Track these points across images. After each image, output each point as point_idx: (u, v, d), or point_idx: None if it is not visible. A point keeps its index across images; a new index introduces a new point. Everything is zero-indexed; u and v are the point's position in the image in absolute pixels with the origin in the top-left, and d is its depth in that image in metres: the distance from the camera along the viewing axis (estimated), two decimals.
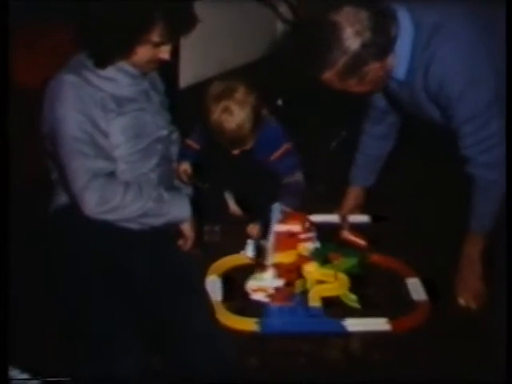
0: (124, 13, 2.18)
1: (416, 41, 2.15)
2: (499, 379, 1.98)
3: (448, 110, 2.22)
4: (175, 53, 2.47)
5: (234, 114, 2.47)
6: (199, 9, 2.38)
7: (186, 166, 2.63)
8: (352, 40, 2.07)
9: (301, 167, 2.69)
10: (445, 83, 2.15)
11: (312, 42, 2.14)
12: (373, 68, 2.14)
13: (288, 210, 2.45)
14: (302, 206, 2.57)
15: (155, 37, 2.22)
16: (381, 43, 2.11)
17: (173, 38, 2.27)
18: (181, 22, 2.25)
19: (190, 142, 2.68)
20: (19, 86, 2.33)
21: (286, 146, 2.65)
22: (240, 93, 2.49)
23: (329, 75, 2.14)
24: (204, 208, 2.49)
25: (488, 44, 2.17)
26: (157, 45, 2.24)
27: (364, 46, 2.08)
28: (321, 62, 2.12)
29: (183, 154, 2.64)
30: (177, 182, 2.61)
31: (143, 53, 2.25)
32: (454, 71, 2.14)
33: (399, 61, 2.19)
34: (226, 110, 2.47)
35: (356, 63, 2.10)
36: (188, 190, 2.61)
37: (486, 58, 2.16)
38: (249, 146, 2.57)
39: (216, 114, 2.48)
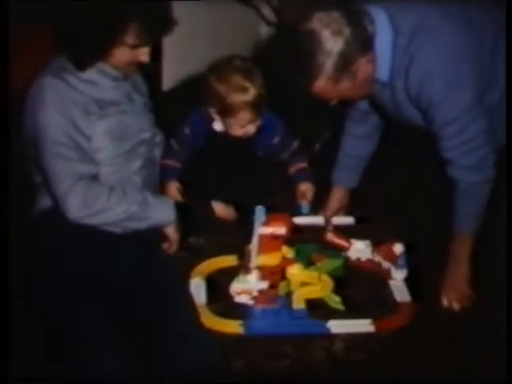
0: (98, 14, 2.18)
1: (396, 42, 2.15)
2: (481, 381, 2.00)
3: (429, 113, 2.21)
4: (158, 55, 2.47)
5: (247, 82, 2.52)
6: (180, 10, 2.38)
7: (176, 185, 2.63)
8: (333, 40, 2.06)
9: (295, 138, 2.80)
10: (425, 85, 2.15)
11: (293, 58, 2.12)
12: (361, 64, 2.12)
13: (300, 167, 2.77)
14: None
15: (131, 39, 2.21)
16: (362, 37, 2.10)
17: (150, 39, 2.26)
18: (156, 24, 2.24)
19: (169, 162, 2.64)
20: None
21: (282, 129, 2.75)
22: (240, 62, 2.57)
23: (320, 84, 2.11)
24: (189, 215, 2.49)
25: (467, 44, 2.17)
26: (134, 47, 2.23)
27: (347, 43, 2.07)
28: (308, 73, 2.10)
29: (167, 175, 2.62)
30: None
31: (121, 55, 2.25)
32: (434, 73, 2.14)
33: (381, 62, 2.18)
34: (238, 82, 2.52)
35: (344, 63, 2.09)
36: None
37: (465, 58, 2.16)
38: (259, 122, 2.63)
39: (230, 90, 2.52)
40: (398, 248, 2.47)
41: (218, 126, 2.66)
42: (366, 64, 2.14)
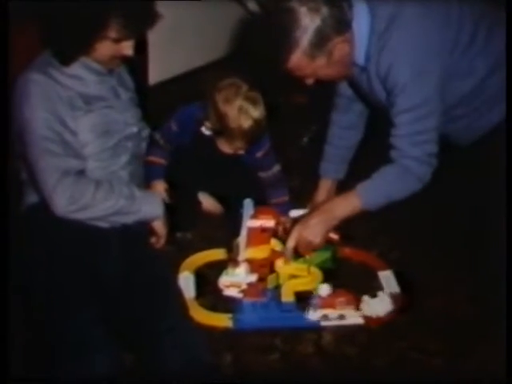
0: (79, 9, 2.16)
1: (373, 28, 2.19)
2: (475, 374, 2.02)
3: (391, 96, 2.24)
4: (144, 49, 2.46)
5: (252, 111, 2.47)
6: (165, 4, 2.36)
7: (163, 185, 2.57)
8: (309, 17, 2.11)
9: (277, 162, 2.73)
10: (392, 70, 2.18)
11: (271, 31, 2.19)
12: (337, 43, 2.16)
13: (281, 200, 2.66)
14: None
15: (112, 33, 2.20)
16: (339, 17, 2.14)
17: (132, 33, 2.24)
18: (139, 18, 2.23)
19: (154, 159, 2.59)
20: None
21: (268, 145, 2.69)
22: (248, 89, 2.50)
23: (296, 58, 2.15)
24: (177, 209, 2.47)
25: (440, 39, 2.19)
26: (116, 41, 2.22)
27: (323, 20, 2.11)
28: (284, 47, 2.14)
29: (153, 173, 2.58)
30: None
31: (104, 49, 2.24)
32: (402, 61, 2.17)
33: (358, 46, 2.22)
34: (243, 108, 2.47)
35: (320, 39, 2.13)
36: None
37: (436, 52, 2.19)
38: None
39: (234, 115, 2.47)
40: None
41: (207, 131, 2.62)
42: (342, 44, 2.17)
